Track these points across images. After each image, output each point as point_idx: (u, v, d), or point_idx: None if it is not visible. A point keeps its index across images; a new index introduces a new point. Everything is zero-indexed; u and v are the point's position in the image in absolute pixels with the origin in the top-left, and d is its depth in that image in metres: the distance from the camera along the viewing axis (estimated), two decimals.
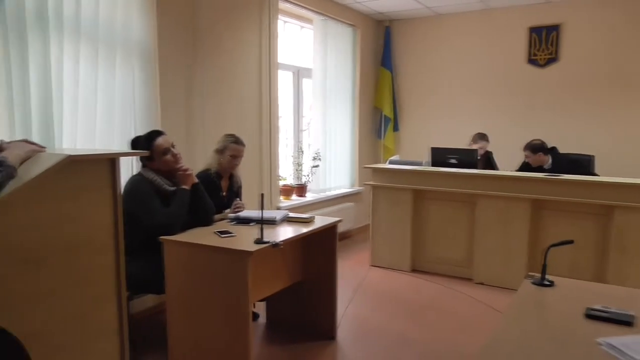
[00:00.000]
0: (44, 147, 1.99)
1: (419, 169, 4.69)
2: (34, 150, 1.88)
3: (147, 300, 3.48)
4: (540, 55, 5.60)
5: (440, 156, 4.77)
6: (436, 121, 6.30)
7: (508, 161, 5.17)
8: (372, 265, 4.90)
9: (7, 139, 2.10)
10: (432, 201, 4.65)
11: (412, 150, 6.35)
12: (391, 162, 5.14)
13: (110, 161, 2.06)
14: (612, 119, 5.27)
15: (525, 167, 4.70)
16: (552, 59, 5.55)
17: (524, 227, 4.17)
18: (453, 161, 4.69)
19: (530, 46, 5.64)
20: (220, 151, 3.37)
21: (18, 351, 1.68)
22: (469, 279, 4.46)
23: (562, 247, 2.07)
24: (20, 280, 1.72)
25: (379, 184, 4.85)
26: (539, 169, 4.51)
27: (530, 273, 2.07)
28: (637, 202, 3.73)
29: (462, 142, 5.29)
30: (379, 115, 6.53)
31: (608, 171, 4.46)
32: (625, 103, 5.21)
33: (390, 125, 6.45)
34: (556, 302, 1.81)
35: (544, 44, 5.57)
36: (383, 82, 6.41)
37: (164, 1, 3.54)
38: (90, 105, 3.11)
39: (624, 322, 1.57)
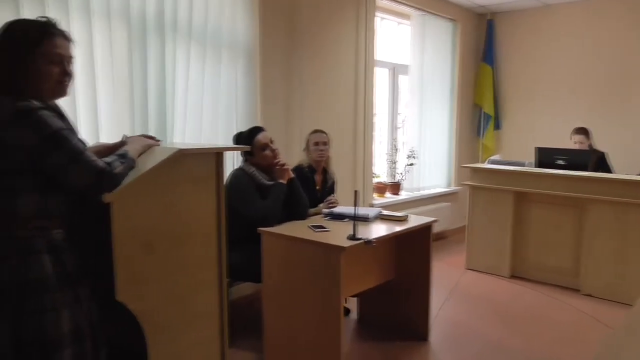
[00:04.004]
0: (160, 141, 2.16)
1: (522, 170, 4.43)
2: (150, 144, 2.05)
3: (246, 288, 3.64)
4: None
5: (546, 157, 4.47)
6: (542, 120, 5.89)
7: (626, 164, 4.71)
8: (468, 269, 4.72)
9: (128, 134, 2.32)
10: (536, 204, 4.37)
11: (514, 149, 5.99)
12: (491, 162, 4.91)
13: (216, 155, 2.16)
14: None
15: None
16: None
17: None
18: (561, 162, 4.37)
19: None
20: (305, 147, 3.49)
21: (137, 326, 1.87)
22: (575, 290, 4.13)
23: None
24: (139, 262, 1.88)
25: (478, 185, 4.66)
26: None
27: None
28: None
29: (571, 142, 4.91)
30: (479, 113, 6.27)
31: None
32: None
33: (491, 123, 6.15)
34: None
35: None
36: (483, 77, 6.12)
37: (266, 3, 3.69)
38: (198, 103, 3.33)
39: None
